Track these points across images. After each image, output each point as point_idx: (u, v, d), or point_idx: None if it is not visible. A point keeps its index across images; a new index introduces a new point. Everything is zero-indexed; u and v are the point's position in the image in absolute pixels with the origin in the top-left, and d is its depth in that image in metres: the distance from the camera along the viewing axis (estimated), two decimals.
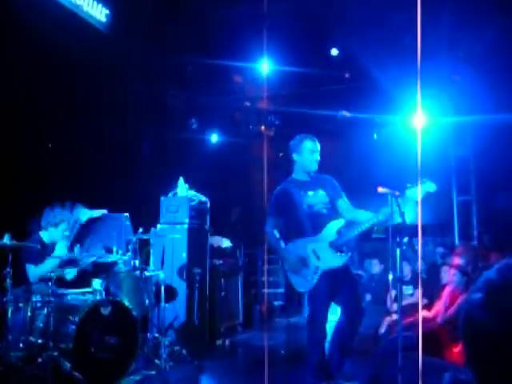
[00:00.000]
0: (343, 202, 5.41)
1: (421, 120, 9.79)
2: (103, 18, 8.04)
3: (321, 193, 5.39)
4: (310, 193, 5.38)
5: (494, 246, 9.72)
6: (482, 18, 8.63)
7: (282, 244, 5.41)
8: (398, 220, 4.31)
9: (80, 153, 8.02)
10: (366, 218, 5.14)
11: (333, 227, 5.26)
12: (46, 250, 6.24)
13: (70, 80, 7.47)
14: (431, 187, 4.85)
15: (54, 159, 7.70)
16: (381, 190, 4.38)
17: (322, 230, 5.27)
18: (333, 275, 5.20)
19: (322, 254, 5.21)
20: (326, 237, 5.24)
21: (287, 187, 5.51)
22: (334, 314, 9.90)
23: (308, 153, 5.43)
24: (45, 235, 6.30)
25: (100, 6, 7.94)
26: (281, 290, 11.87)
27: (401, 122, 9.25)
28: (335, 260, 5.22)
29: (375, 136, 4.43)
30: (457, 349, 5.29)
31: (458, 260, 6.39)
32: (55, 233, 6.31)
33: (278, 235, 5.41)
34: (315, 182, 5.45)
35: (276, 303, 11.47)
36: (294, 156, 5.50)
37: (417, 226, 5.05)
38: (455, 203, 10.43)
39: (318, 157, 5.45)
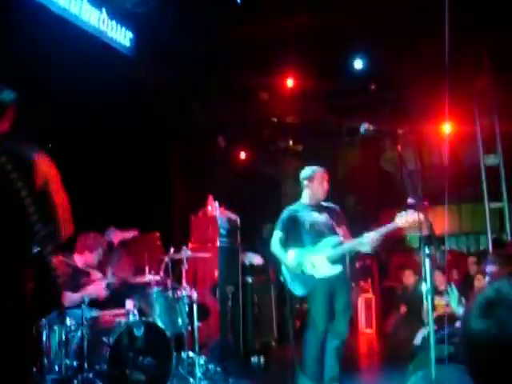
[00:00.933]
0: (342, 230, 5.89)
1: (448, 128, 9.75)
2: (127, 43, 8.15)
3: (325, 216, 5.87)
4: (315, 214, 5.86)
5: None
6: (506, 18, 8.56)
7: (284, 252, 5.80)
8: (426, 231, 4.28)
9: (110, 173, 8.10)
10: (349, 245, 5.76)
11: (330, 241, 5.69)
12: (80, 275, 6.30)
13: (98, 103, 7.56)
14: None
15: (85, 181, 7.80)
16: (410, 201, 4.37)
17: (320, 244, 5.72)
18: (330, 283, 5.65)
19: (318, 263, 5.63)
20: (323, 249, 5.66)
21: (296, 208, 6.00)
22: (369, 327, 9.83)
23: (318, 182, 5.92)
24: (77, 259, 6.35)
25: (123, 29, 8.05)
26: None
27: (429, 131, 9.22)
28: (329, 270, 5.64)
29: (399, 148, 4.42)
30: None
31: (490, 268, 6.30)
32: (89, 257, 6.38)
33: (280, 245, 5.84)
34: (322, 208, 5.95)
35: None
36: (305, 183, 5.98)
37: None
38: (487, 211, 10.30)
39: (326, 186, 5.95)
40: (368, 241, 5.51)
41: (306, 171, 6.03)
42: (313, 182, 5.92)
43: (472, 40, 9.10)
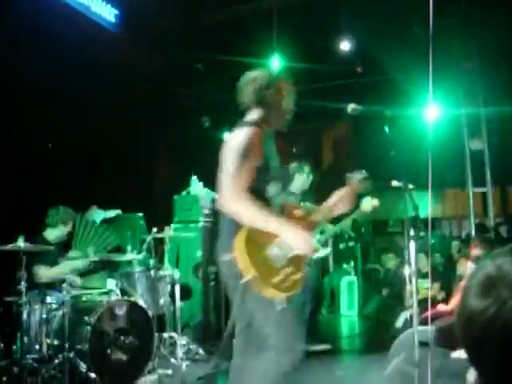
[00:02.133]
0: None
1: (434, 112, 9.73)
2: (112, 18, 8.04)
3: None
4: None
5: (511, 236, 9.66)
6: (495, 6, 8.55)
7: None
8: (412, 214, 4.26)
9: (93, 153, 8.02)
10: None
11: None
12: (58, 249, 6.26)
13: (79, 80, 7.47)
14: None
15: (66, 160, 7.72)
16: (394, 183, 4.34)
17: None
18: None
19: None
20: None
21: None
22: (352, 309, 9.90)
23: None
24: (49, 234, 6.28)
25: (109, 6, 7.95)
26: None
27: (413, 115, 9.19)
28: None
29: (386, 129, 4.39)
30: None
31: (474, 252, 6.32)
32: (63, 230, 6.34)
33: None
34: None
35: None
36: None
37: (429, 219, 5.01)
38: (471, 196, 10.34)
39: None
40: None
41: None
42: None
43: (460, 24, 9.08)
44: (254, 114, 3.61)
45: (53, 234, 6.30)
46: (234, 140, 3.39)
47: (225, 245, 3.33)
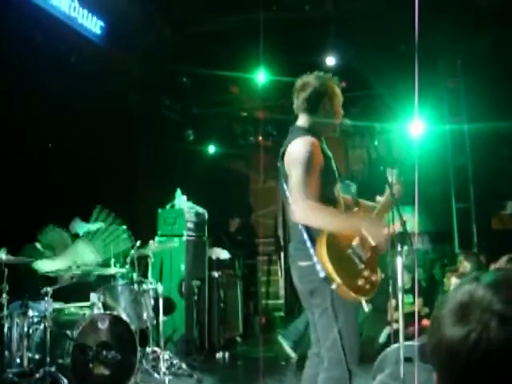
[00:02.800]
0: None
1: (418, 128, 9.79)
2: (98, 31, 8.02)
3: None
4: None
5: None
6: (479, 25, 8.63)
7: None
8: (399, 229, 4.26)
9: (75, 165, 7.96)
10: None
11: None
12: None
13: (62, 91, 7.43)
14: None
15: (49, 172, 7.65)
16: (379, 199, 4.33)
17: None
18: None
19: None
20: None
21: None
22: None
23: None
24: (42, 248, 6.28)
25: (95, 18, 7.92)
26: (281, 301, 11.82)
27: (399, 130, 9.24)
28: None
29: (376, 143, 4.39)
30: None
31: (461, 268, 6.35)
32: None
33: None
34: None
35: (276, 314, 11.41)
36: None
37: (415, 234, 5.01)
38: (454, 211, 10.39)
39: None
40: None
41: None
42: None
43: (445, 42, 9.16)
44: (305, 121, 3.66)
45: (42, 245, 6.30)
46: (295, 151, 3.44)
47: (300, 251, 3.45)
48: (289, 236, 3.77)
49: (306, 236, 3.38)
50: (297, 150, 3.43)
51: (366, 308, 3.47)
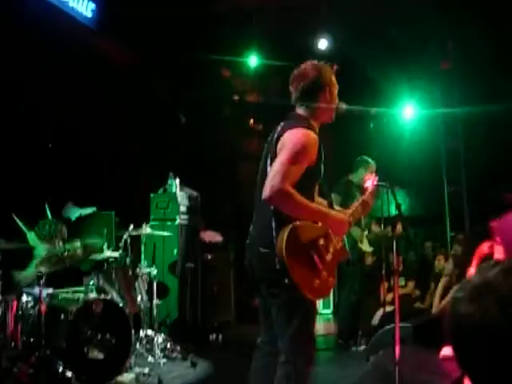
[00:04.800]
0: None
1: (410, 112, 9.81)
2: (89, 14, 7.95)
3: None
4: None
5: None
6: (471, 6, 8.63)
7: None
8: (394, 212, 4.28)
9: (68, 150, 7.93)
10: None
11: None
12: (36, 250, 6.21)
13: (53, 75, 7.37)
14: None
15: (41, 157, 7.62)
16: (375, 182, 4.35)
17: None
18: None
19: None
20: None
21: None
22: (327, 308, 9.90)
23: None
24: (32, 239, 6.23)
25: (86, 1, 7.86)
26: None
27: (391, 114, 9.24)
28: None
29: (371, 126, 4.40)
30: None
31: (455, 250, 6.40)
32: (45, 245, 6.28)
33: None
34: None
35: None
36: None
37: (410, 217, 5.04)
38: (446, 194, 10.43)
39: None
40: None
41: None
42: None
43: (437, 25, 9.15)
44: (304, 110, 3.65)
45: (32, 236, 6.25)
46: (292, 140, 3.41)
47: (263, 237, 3.42)
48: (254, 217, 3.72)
49: (273, 223, 3.37)
50: (294, 139, 3.40)
51: (317, 309, 3.47)
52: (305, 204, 3.31)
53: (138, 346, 6.27)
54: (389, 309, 7.18)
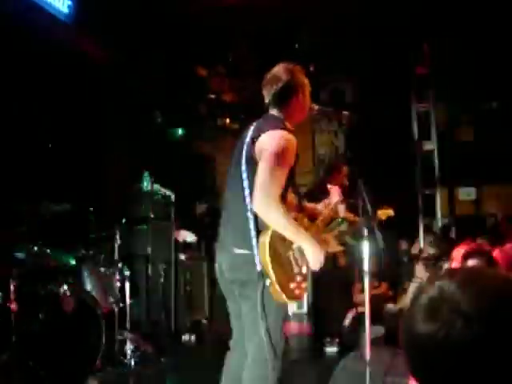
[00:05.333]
0: None
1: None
2: (65, 9, 7.88)
3: None
4: None
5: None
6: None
7: None
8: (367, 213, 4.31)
9: (41, 146, 7.86)
10: None
11: None
12: None
13: (28, 71, 7.30)
14: None
15: (14, 154, 7.54)
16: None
17: None
18: None
19: None
20: None
21: None
22: (301, 308, 9.88)
23: None
24: None
25: None
26: None
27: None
28: None
29: (343, 128, 4.44)
30: None
31: (427, 252, 6.44)
32: None
33: None
34: None
35: None
36: None
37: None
38: (419, 196, 10.52)
39: None
40: None
41: None
42: None
43: (414, 30, 9.24)
44: (277, 112, 3.68)
45: None
46: (273, 144, 3.40)
47: (238, 238, 3.43)
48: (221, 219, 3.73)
49: (252, 225, 3.36)
50: (274, 142, 3.40)
51: (290, 311, 3.53)
52: (288, 222, 3.31)
53: (109, 346, 6.23)
54: (361, 310, 7.24)
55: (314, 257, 3.42)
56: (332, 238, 7.36)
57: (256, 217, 3.36)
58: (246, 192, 3.40)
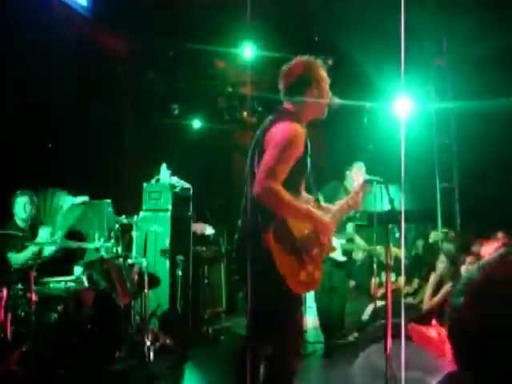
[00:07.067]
0: None
1: (404, 107, 9.79)
2: (84, 2, 7.90)
3: None
4: None
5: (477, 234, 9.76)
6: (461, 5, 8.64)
7: None
8: (386, 207, 4.28)
9: (61, 138, 7.89)
10: None
11: None
12: (25, 235, 6.19)
13: (47, 63, 7.33)
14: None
15: (34, 144, 7.58)
16: (367, 177, 4.36)
17: None
18: None
19: None
20: None
21: None
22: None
23: None
24: (19, 220, 6.24)
25: None
26: None
27: (384, 109, 9.23)
28: None
29: (365, 121, 4.38)
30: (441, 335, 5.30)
31: (447, 246, 6.41)
32: (16, 209, 6.28)
33: None
34: None
35: None
36: None
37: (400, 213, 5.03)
38: (438, 190, 10.43)
39: None
40: None
41: None
42: None
43: (432, 22, 9.15)
44: (292, 106, 3.66)
45: (17, 219, 6.25)
46: (278, 135, 3.42)
47: (250, 229, 3.43)
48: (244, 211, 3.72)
49: (260, 216, 3.38)
50: (280, 134, 3.42)
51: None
52: (292, 204, 3.32)
53: (127, 337, 6.26)
54: (379, 304, 7.21)
55: (319, 227, 3.46)
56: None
57: (265, 208, 3.35)
58: None
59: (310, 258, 3.42)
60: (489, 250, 4.17)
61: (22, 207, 6.35)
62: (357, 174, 5.01)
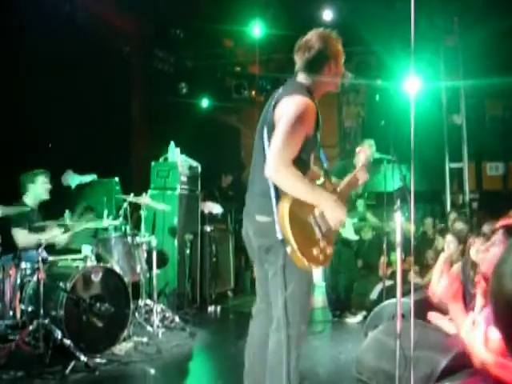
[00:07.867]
0: None
1: (414, 85, 9.71)
2: None
3: None
4: None
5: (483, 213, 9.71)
6: None
7: None
8: (397, 185, 4.25)
9: (69, 117, 7.86)
10: None
11: None
12: (35, 214, 6.16)
13: (55, 42, 7.29)
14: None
15: (42, 124, 7.55)
16: (377, 155, 4.32)
17: None
18: None
19: None
20: None
21: None
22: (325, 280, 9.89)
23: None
24: (26, 199, 6.18)
25: None
26: None
27: (394, 87, 9.15)
28: None
29: (377, 98, 4.33)
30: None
31: (453, 227, 6.35)
32: (35, 190, 6.19)
33: None
34: None
35: None
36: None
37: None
38: (447, 170, 10.38)
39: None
40: None
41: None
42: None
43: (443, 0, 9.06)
44: (306, 79, 3.56)
45: (28, 198, 6.18)
46: (290, 108, 3.32)
47: (261, 206, 3.38)
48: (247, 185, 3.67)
49: (272, 192, 3.32)
50: (292, 107, 3.32)
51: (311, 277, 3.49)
52: (302, 184, 3.26)
53: (136, 315, 6.27)
54: (388, 283, 7.18)
55: (333, 215, 3.38)
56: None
57: (274, 184, 3.30)
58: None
59: (322, 235, 3.39)
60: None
61: (43, 187, 6.24)
62: (361, 152, 4.87)
